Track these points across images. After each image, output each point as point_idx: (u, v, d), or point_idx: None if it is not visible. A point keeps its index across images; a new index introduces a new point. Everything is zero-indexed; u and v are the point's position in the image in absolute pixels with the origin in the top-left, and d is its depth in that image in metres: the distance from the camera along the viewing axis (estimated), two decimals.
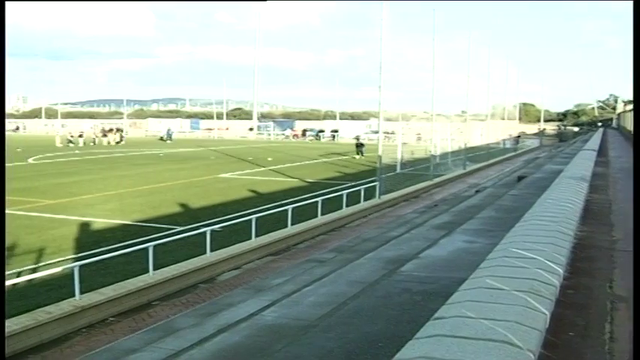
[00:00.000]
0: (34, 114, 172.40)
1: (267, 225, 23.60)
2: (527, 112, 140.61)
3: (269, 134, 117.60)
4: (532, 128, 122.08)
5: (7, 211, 28.62)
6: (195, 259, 19.44)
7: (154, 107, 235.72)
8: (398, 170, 43.85)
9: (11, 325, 13.52)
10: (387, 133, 52.59)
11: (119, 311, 15.71)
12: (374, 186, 33.83)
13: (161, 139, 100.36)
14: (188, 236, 20.83)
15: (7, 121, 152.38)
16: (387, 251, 17.03)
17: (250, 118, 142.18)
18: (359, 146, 65.21)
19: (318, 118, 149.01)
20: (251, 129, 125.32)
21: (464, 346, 4.58)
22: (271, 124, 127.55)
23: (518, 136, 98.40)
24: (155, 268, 17.47)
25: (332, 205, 28.40)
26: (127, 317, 15.39)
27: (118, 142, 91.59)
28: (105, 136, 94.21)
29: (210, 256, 19.69)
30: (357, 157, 61.89)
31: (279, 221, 24.58)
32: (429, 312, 6.17)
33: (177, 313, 14.59)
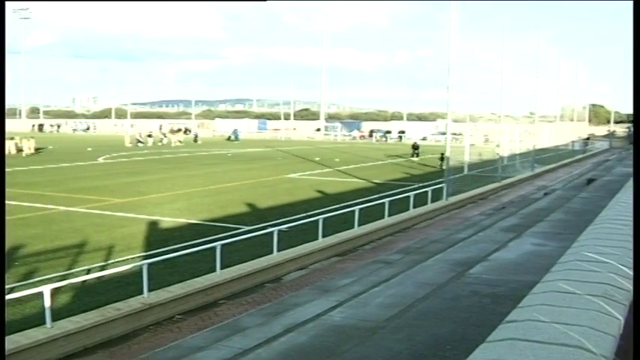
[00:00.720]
0: (104, 114, 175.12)
1: (333, 225, 23.55)
2: (597, 114, 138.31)
3: (336, 135, 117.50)
4: (602, 130, 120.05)
5: (78, 209, 29.15)
6: (261, 258, 19.47)
7: (222, 108, 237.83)
8: (465, 172, 43.47)
9: (81, 320, 13.71)
10: (455, 134, 52.17)
11: (186, 309, 15.80)
12: (441, 187, 33.54)
13: (228, 139, 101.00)
14: (255, 236, 20.90)
15: (78, 121, 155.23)
16: (455, 253, 16.89)
17: (317, 119, 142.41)
18: (415, 148, 64.69)
19: (384, 119, 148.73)
20: (318, 130, 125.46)
21: (537, 351, 4.47)
22: (338, 124, 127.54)
23: (588, 138, 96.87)
24: (222, 267, 17.54)
25: (399, 206, 28.23)
26: (194, 315, 15.47)
27: (194, 141, 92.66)
28: (174, 135, 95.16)
29: (276, 256, 19.71)
30: (414, 158, 61.37)
31: (345, 222, 24.51)
32: (498, 315, 6.06)
33: (244, 312, 14.63)
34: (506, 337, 4.79)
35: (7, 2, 8.55)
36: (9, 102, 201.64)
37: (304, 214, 26.67)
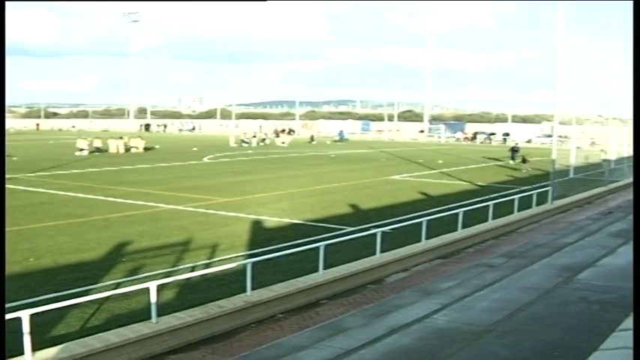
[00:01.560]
0: (210, 115, 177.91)
1: (436, 228, 23.33)
2: None
3: (439, 137, 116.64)
4: None
5: (183, 208, 29.67)
6: (364, 259, 19.42)
7: (325, 109, 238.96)
8: (571, 175, 42.52)
9: (185, 316, 13.92)
10: (561, 137, 51.09)
11: (288, 308, 15.87)
12: (546, 191, 32.88)
13: (336, 140, 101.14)
14: (358, 237, 20.88)
15: (184, 121, 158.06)
16: (561, 258, 16.54)
17: (421, 120, 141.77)
18: (514, 151, 62.03)
19: (489, 121, 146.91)
20: (421, 131, 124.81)
21: None
22: (442, 126, 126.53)
23: None
24: (324, 268, 17.57)
25: (503, 209, 27.80)
26: (296, 315, 15.53)
27: (310, 142, 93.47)
28: (277, 136, 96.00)
29: (379, 258, 19.64)
30: (512, 162, 59.46)
31: (448, 224, 24.27)
32: (607, 322, 5.89)
33: (345, 313, 14.61)
34: (620, 345, 4.62)
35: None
36: (119, 102, 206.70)
37: (407, 216, 26.51)
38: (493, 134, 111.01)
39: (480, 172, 51.37)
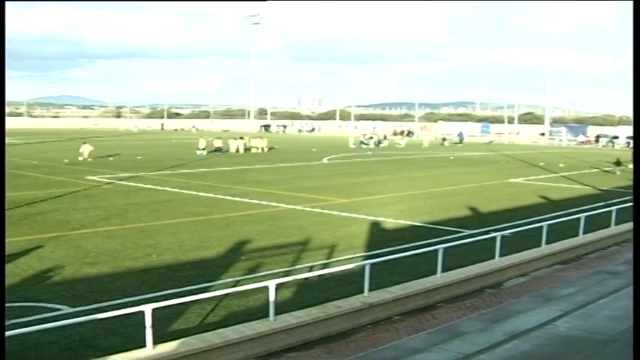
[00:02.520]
0: (329, 116, 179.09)
1: (556, 232, 22.82)
2: None
3: (560, 140, 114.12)
4: None
5: (302, 208, 29.91)
6: (482, 263, 19.17)
7: (444, 110, 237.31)
8: None
9: (302, 316, 14.01)
10: None
11: (404, 310, 15.79)
12: None
13: (455, 142, 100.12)
14: (476, 240, 20.63)
15: (304, 122, 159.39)
16: None
17: (541, 123, 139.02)
18: (618, 164, 57.09)
19: (612, 124, 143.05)
20: (542, 134, 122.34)
21: None
22: (563, 129, 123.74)
23: None
24: (442, 271, 17.42)
25: (626, 215, 26.96)
26: (412, 317, 15.43)
27: (442, 144, 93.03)
28: (402, 138, 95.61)
29: (498, 262, 19.35)
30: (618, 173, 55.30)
31: (569, 229, 23.71)
32: None
33: (462, 317, 14.45)
34: None
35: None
36: (240, 103, 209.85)
37: (526, 220, 26.03)
38: (616, 137, 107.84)
39: (602, 177, 50.04)
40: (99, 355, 11.71)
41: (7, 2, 9.06)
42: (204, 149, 66.69)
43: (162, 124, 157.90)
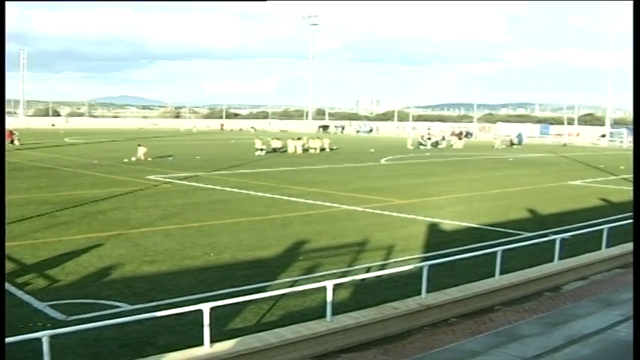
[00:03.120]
0: (387, 117, 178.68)
1: (616, 236, 22.44)
2: None
3: (621, 141, 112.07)
4: None
5: (360, 208, 29.91)
6: (541, 266, 18.95)
7: (503, 111, 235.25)
8: None
9: (359, 316, 14.00)
10: None
11: (461, 313, 15.69)
12: None
13: (515, 143, 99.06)
14: (535, 243, 20.42)
15: (362, 122, 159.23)
16: None
17: (602, 124, 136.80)
18: None
19: None
20: (603, 135, 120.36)
21: None
22: (624, 130, 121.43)
23: None
24: (500, 273, 17.26)
25: None
26: (469, 319, 15.32)
27: (510, 145, 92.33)
28: (460, 139, 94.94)
29: (557, 265, 19.12)
30: None
31: (629, 232, 23.30)
32: None
33: (520, 320, 14.31)
34: None
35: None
36: (298, 103, 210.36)
37: (586, 223, 25.67)
38: None
39: None
40: (157, 353, 11.85)
41: (61, 2, 9.11)
42: (262, 149, 67.06)
43: (222, 125, 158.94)
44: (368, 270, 18.52)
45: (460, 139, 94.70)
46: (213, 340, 11.82)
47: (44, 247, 21.07)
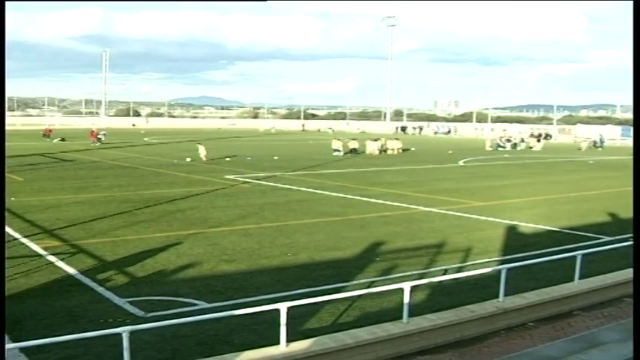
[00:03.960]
0: (465, 118, 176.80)
1: None
2: None
3: None
4: None
5: (437, 210, 29.76)
6: (621, 271, 18.53)
7: (583, 113, 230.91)
8: None
9: (435, 319, 13.94)
10: None
11: (539, 317, 15.48)
12: None
13: (596, 146, 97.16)
14: (615, 247, 20.02)
15: (440, 124, 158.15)
16: None
17: None
18: None
19: None
20: None
21: None
22: None
23: None
24: (579, 278, 16.98)
25: None
26: (547, 324, 15.11)
27: (595, 147, 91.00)
28: (539, 141, 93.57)
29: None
30: None
31: None
32: None
33: (600, 326, 14.09)
34: None
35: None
36: (376, 104, 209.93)
37: None
38: None
39: None
40: (233, 351, 11.96)
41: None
42: (340, 150, 67.18)
43: (303, 125, 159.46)
44: (445, 272, 18.43)
45: (539, 141, 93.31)
46: (289, 340, 11.89)
47: (124, 245, 21.49)
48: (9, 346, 11.92)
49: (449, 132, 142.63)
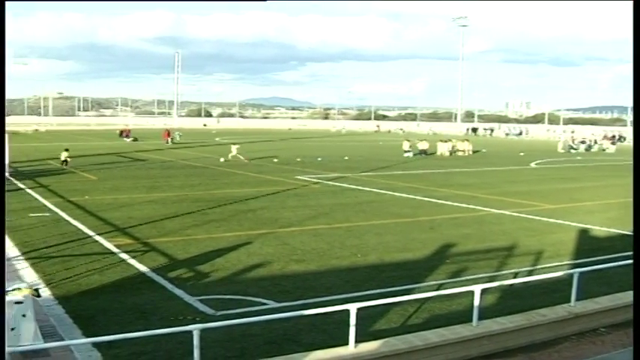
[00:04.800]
0: (537, 119, 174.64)
1: None
2: None
3: None
4: None
5: (508, 212, 29.49)
6: None
7: None
8: None
9: (505, 322, 13.82)
10: None
11: (611, 323, 15.21)
12: None
13: None
14: None
15: (511, 125, 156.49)
16: None
17: None
18: None
19: None
20: None
21: None
22: None
23: None
24: None
25: None
26: (619, 330, 14.83)
27: None
28: (613, 143, 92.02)
29: None
30: None
31: None
32: None
33: None
34: None
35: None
36: (447, 105, 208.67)
37: None
38: None
39: None
40: (301, 350, 12.03)
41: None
42: (410, 151, 67.00)
43: (378, 126, 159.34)
44: (515, 275, 18.27)
45: (613, 143, 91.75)
46: (357, 341, 11.92)
47: (195, 244, 21.77)
48: (82, 340, 12.25)
49: (520, 133, 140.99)
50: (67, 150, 50.79)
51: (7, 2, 8.32)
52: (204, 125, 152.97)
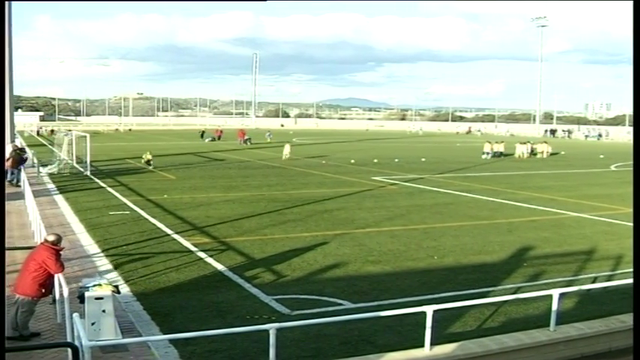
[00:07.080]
0: (617, 121, 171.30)
1: None
2: None
3: None
4: None
5: (587, 216, 29.01)
6: None
7: None
8: None
9: (584, 328, 13.64)
10: None
11: None
12: None
13: None
14: None
15: (591, 127, 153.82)
16: None
17: None
18: None
19: None
20: None
21: None
22: None
23: None
24: None
25: None
26: None
27: None
28: None
29: None
30: None
31: None
32: None
33: None
34: None
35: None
36: (525, 107, 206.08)
37: None
38: None
39: None
40: (376, 352, 12.06)
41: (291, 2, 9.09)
42: (488, 153, 66.40)
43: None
44: (594, 280, 17.98)
45: None
46: (433, 343, 11.90)
47: (272, 243, 21.95)
48: (159, 337, 12.48)
49: (600, 136, 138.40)
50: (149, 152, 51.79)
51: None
52: (282, 126, 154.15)
